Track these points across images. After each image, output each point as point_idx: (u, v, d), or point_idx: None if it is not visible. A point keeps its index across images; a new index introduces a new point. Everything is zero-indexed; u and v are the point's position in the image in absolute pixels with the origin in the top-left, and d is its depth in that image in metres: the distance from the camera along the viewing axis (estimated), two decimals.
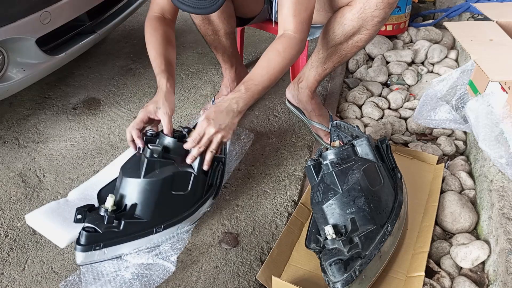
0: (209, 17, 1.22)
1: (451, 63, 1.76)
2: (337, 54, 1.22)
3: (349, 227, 0.89)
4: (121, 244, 0.98)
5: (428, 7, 2.25)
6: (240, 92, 1.05)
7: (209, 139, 1.03)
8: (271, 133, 1.48)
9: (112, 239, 0.96)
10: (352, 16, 1.10)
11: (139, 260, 0.99)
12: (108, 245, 0.96)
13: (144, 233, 1.00)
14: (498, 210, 0.99)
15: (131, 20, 2.31)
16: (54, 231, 1.08)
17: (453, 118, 1.31)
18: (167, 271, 0.97)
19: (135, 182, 0.99)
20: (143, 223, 0.99)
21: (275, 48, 1.07)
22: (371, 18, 1.08)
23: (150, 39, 1.18)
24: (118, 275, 0.96)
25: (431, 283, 0.94)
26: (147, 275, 0.96)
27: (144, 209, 0.99)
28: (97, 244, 0.94)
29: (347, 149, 1.02)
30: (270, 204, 1.21)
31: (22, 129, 1.52)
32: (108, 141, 1.46)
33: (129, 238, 0.98)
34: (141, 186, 0.99)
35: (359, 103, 1.59)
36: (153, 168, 1.00)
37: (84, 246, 0.94)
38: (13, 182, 1.29)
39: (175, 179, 1.02)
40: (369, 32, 1.13)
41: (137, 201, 0.99)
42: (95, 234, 0.94)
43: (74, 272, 0.99)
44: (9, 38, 1.21)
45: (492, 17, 1.23)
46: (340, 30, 1.14)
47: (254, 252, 1.07)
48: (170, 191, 1.02)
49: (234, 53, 1.46)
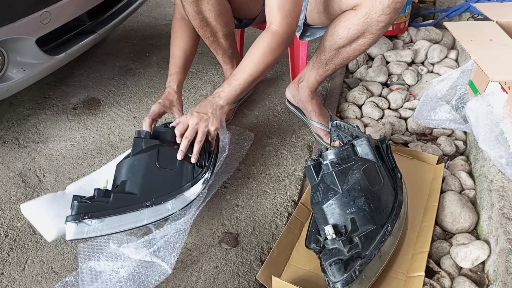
0: (207, 19, 1.23)
1: (451, 63, 1.75)
2: (340, 57, 1.22)
3: (349, 227, 0.89)
4: (111, 217, 0.98)
5: (428, 7, 2.25)
6: (223, 87, 1.13)
7: (193, 129, 1.08)
8: (271, 133, 1.48)
9: (101, 210, 0.98)
10: (358, 20, 1.10)
11: (137, 255, 0.98)
12: (97, 216, 0.97)
13: (133, 207, 1.01)
14: (498, 210, 0.99)
15: (131, 20, 2.31)
16: (44, 224, 1.08)
17: (453, 118, 1.31)
18: (163, 273, 0.97)
19: (125, 162, 1.07)
20: (132, 197, 1.02)
21: (259, 45, 1.10)
22: (376, 23, 1.08)
23: (171, 41, 1.32)
24: (116, 275, 0.96)
25: (431, 283, 0.94)
26: (143, 275, 0.96)
27: (133, 183, 1.03)
28: (85, 213, 0.96)
29: (347, 149, 1.02)
30: (270, 204, 1.21)
31: (22, 129, 1.52)
32: (108, 141, 1.46)
33: (118, 211, 0.99)
34: (129, 163, 1.06)
35: (359, 103, 1.59)
36: (140, 146, 1.08)
37: (73, 216, 0.95)
38: (13, 182, 1.29)
39: (161, 154, 1.07)
40: (373, 36, 1.13)
41: (126, 178, 1.04)
42: (85, 204, 0.97)
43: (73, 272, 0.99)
44: (9, 38, 1.21)
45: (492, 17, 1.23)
46: (345, 33, 1.14)
47: (254, 252, 1.07)
48: (156, 166, 1.06)
49: (234, 54, 1.46)
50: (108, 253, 1.00)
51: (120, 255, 0.99)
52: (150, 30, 2.28)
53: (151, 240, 1.01)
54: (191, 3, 1.17)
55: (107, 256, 0.99)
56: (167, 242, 1.01)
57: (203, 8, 1.19)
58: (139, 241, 1.00)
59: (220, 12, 1.23)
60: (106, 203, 0.98)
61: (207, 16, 1.22)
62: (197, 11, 1.19)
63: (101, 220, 0.97)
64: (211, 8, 1.19)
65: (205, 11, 1.20)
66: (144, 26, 2.35)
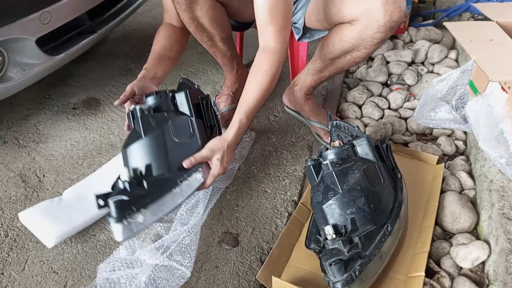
0: (202, 25, 1.23)
1: (451, 63, 1.75)
2: (334, 66, 1.23)
3: (349, 227, 0.89)
4: (152, 205, 0.94)
5: (428, 7, 2.25)
6: (241, 122, 1.08)
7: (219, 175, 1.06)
8: (271, 133, 1.48)
9: (142, 201, 0.93)
10: (353, 35, 1.10)
11: (153, 260, 0.97)
12: (139, 209, 0.92)
13: (167, 187, 0.97)
14: (498, 210, 0.99)
15: (131, 20, 2.31)
16: (43, 231, 1.08)
17: (453, 118, 1.31)
18: (182, 276, 0.96)
19: (139, 145, 0.99)
20: (164, 178, 0.98)
21: (262, 68, 1.08)
22: (371, 39, 1.09)
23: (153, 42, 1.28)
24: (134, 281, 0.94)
25: (431, 283, 0.94)
26: (164, 279, 0.95)
27: (159, 165, 0.98)
28: (129, 210, 0.90)
29: (347, 149, 1.02)
30: (270, 204, 1.21)
31: (22, 129, 1.52)
32: (108, 141, 1.46)
33: (158, 196, 0.95)
34: (146, 145, 0.98)
35: (359, 103, 1.59)
36: (150, 124, 1.00)
37: (117, 217, 0.89)
38: (13, 182, 1.29)
39: (175, 127, 1.02)
40: (367, 51, 1.14)
41: (150, 161, 0.98)
42: (124, 201, 0.90)
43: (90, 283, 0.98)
44: (9, 38, 1.21)
45: (492, 17, 1.23)
46: (339, 45, 1.15)
47: (254, 252, 1.07)
48: (174, 141, 1.01)
49: (234, 56, 1.46)
50: (123, 259, 0.98)
51: (135, 261, 0.98)
52: (150, 30, 2.28)
53: (164, 244, 1.01)
54: (185, 10, 1.18)
55: (121, 263, 0.97)
56: (180, 245, 1.01)
57: (197, 14, 1.19)
58: (152, 246, 0.99)
59: (215, 17, 1.23)
60: (142, 193, 0.93)
61: (202, 22, 1.22)
62: (192, 17, 1.20)
63: (144, 212, 0.92)
64: (205, 14, 1.20)
65: (200, 17, 1.20)
66: (144, 26, 2.35)
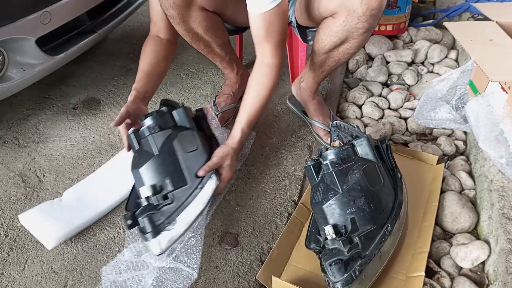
0: (197, 34, 1.24)
1: (451, 63, 1.75)
2: (331, 59, 1.24)
3: (349, 227, 0.89)
4: (180, 215, 0.98)
5: (428, 7, 2.25)
6: (243, 132, 1.14)
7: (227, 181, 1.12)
8: (271, 133, 1.48)
9: (170, 213, 0.98)
10: (337, 28, 1.11)
11: (159, 263, 0.98)
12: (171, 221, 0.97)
13: (192, 196, 1.01)
14: (498, 210, 0.99)
15: (131, 20, 2.31)
16: (43, 232, 1.08)
17: (453, 118, 1.31)
18: (189, 278, 0.97)
19: (154, 162, 1.01)
20: (185, 188, 1.01)
21: (261, 81, 1.13)
22: (355, 29, 1.09)
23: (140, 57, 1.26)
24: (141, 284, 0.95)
25: (431, 283, 0.94)
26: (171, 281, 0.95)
27: (178, 177, 1.01)
28: (160, 223, 0.96)
29: (347, 149, 1.02)
30: (270, 204, 1.21)
31: (22, 129, 1.52)
32: (108, 141, 1.46)
33: (183, 206, 0.99)
34: (161, 160, 1.01)
35: (359, 103, 1.59)
36: (160, 141, 1.03)
37: (152, 231, 0.95)
38: (13, 182, 1.29)
39: (182, 140, 1.05)
40: (357, 41, 1.14)
41: (168, 175, 1.00)
42: (154, 215, 0.96)
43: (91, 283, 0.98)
44: (9, 38, 1.21)
45: (492, 17, 1.23)
46: (328, 40, 1.16)
47: (254, 252, 1.07)
48: (183, 152, 1.04)
49: (233, 58, 1.46)
50: (128, 262, 0.99)
51: (141, 264, 0.99)
52: None
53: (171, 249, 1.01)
54: (179, 23, 1.19)
55: (127, 266, 0.98)
56: (186, 246, 1.01)
57: (192, 26, 1.20)
58: None
59: (209, 27, 1.23)
60: (170, 204, 0.98)
61: (197, 32, 1.23)
62: (186, 29, 1.21)
63: (174, 223, 0.97)
64: (199, 25, 1.20)
65: (194, 28, 1.21)
66: (144, 26, 2.35)
